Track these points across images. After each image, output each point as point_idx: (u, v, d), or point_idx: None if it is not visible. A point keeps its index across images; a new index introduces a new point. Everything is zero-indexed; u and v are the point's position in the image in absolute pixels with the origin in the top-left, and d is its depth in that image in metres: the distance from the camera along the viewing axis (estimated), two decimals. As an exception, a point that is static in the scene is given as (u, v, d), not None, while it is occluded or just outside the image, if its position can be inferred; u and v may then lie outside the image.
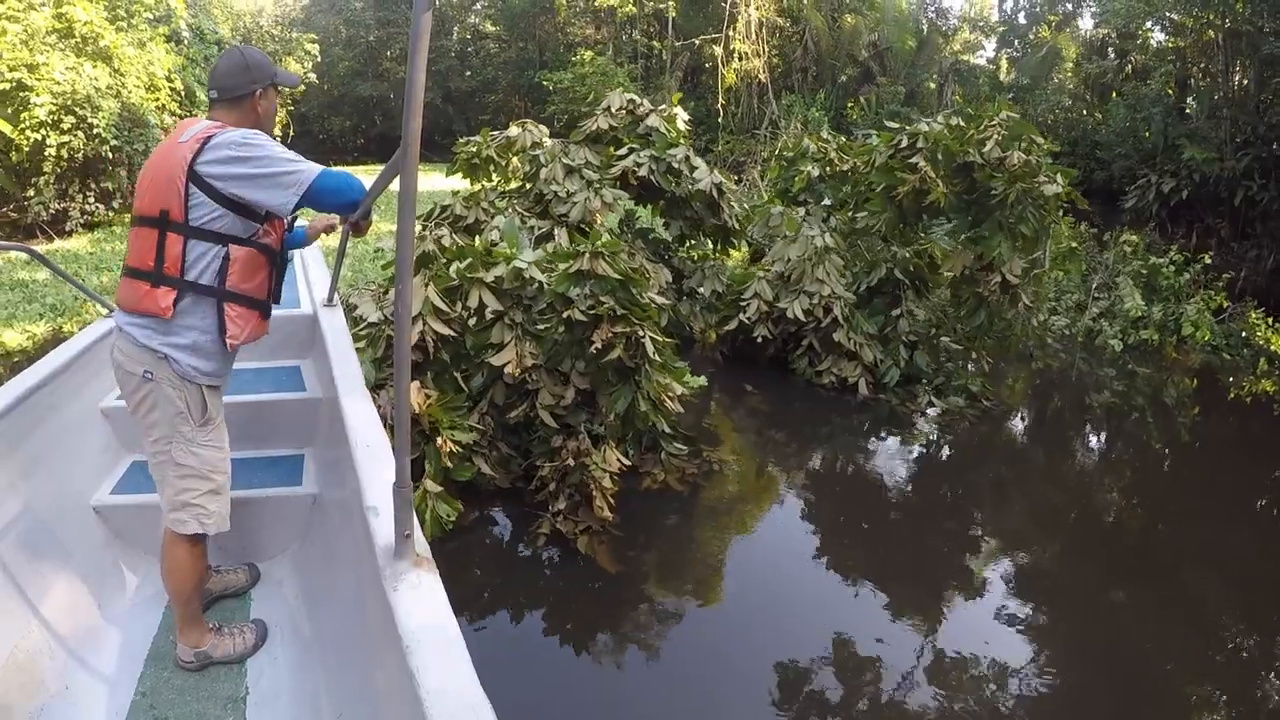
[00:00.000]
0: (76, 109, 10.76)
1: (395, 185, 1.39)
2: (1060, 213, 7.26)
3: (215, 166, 1.95)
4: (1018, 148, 6.40)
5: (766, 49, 23.05)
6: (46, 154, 10.72)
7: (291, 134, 19.68)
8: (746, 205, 7.97)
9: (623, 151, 6.60)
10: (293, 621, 2.53)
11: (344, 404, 2.43)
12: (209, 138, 1.97)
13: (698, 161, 6.75)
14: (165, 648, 2.38)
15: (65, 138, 10.73)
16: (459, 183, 6.93)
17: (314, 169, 1.97)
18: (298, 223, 2.54)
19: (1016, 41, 22.36)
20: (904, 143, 6.87)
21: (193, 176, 1.96)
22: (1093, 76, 17.20)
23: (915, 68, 22.73)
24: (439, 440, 3.83)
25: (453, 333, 3.95)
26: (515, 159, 6.97)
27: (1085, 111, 16.89)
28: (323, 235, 2.78)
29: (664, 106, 7.31)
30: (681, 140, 6.82)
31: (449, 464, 3.84)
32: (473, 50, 27.43)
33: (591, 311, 3.98)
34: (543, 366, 4.35)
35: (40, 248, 10.50)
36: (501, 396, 4.57)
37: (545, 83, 22.10)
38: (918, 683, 3.48)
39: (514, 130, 6.77)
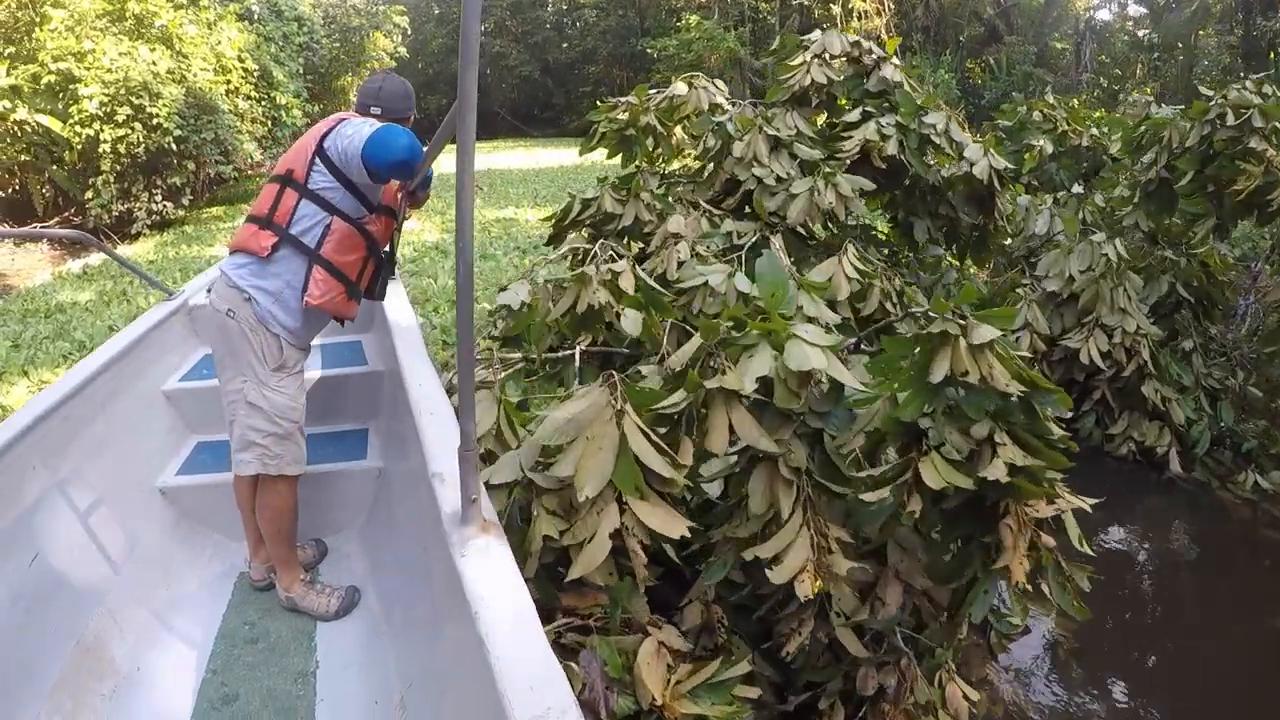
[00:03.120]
0: (132, 98, 9.19)
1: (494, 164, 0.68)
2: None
3: (338, 142, 2.14)
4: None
5: (887, 7, 21.05)
6: (102, 150, 9.22)
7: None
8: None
9: (853, 116, 4.29)
10: (361, 594, 2.45)
11: (406, 375, 2.32)
12: (344, 119, 2.20)
13: (961, 135, 4.39)
14: (235, 625, 2.34)
15: (121, 131, 9.19)
16: (560, 154, 4.86)
17: (373, 126, 2.03)
18: None
19: (1160, -5, 19.46)
20: (1229, 118, 4.50)
21: (319, 150, 2.18)
22: (1250, 35, 14.27)
23: (1044, 26, 20.57)
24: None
25: (686, 530, 1.79)
26: (679, 129, 4.79)
27: (1243, 74, 14.01)
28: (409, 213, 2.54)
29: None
30: (933, 104, 4.46)
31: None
32: (569, 20, 25.80)
33: (982, 478, 1.77)
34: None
35: (101, 255, 9.16)
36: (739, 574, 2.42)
37: (649, 50, 20.39)
38: None
39: (680, 87, 4.55)
